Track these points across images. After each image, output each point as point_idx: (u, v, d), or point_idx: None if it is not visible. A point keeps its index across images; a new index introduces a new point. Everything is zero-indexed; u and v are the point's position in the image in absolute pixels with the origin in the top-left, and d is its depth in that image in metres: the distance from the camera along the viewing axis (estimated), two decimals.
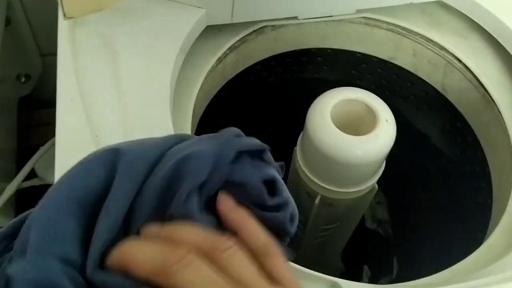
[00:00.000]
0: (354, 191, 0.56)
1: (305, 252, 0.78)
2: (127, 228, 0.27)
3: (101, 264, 0.26)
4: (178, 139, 0.30)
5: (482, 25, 0.56)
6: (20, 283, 0.24)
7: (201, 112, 0.62)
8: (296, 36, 0.67)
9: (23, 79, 0.88)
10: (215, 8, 0.52)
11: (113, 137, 0.40)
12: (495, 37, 0.55)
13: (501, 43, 0.55)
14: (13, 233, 0.28)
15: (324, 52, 0.71)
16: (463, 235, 0.65)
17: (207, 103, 0.63)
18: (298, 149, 0.58)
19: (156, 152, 0.28)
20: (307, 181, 0.58)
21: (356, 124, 0.54)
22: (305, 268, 0.38)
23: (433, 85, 0.67)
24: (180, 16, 0.51)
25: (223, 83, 0.65)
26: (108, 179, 0.27)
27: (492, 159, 0.58)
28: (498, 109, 0.56)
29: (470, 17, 0.57)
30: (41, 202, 0.27)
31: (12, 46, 0.78)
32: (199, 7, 0.52)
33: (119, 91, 0.42)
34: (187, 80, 0.55)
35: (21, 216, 0.29)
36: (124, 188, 0.27)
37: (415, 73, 0.68)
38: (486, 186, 0.59)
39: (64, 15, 0.43)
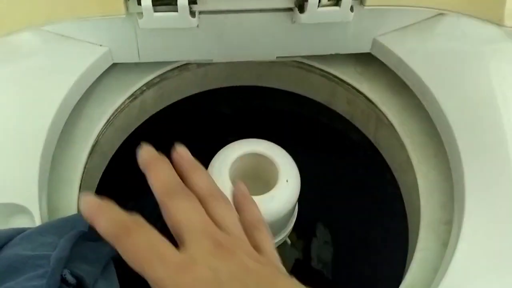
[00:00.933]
0: None
1: None
2: None
3: None
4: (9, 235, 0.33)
5: (406, 82, 0.52)
6: None
7: (115, 147, 0.59)
8: (227, 74, 0.63)
9: None
10: (119, 47, 0.49)
11: None
12: (418, 96, 0.51)
13: (423, 103, 0.50)
14: None
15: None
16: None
17: (124, 137, 0.60)
18: None
19: None
20: None
21: (261, 173, 0.51)
22: None
23: (366, 135, 0.63)
24: (79, 53, 0.48)
25: (144, 118, 0.62)
26: None
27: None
28: (415, 175, 0.51)
29: (397, 73, 0.53)
30: None
31: None
32: (100, 45, 0.49)
33: None
34: (90, 117, 0.52)
35: None
36: None
37: (351, 121, 0.64)
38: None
39: None
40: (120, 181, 0.61)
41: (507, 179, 0.44)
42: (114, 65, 0.53)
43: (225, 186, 0.47)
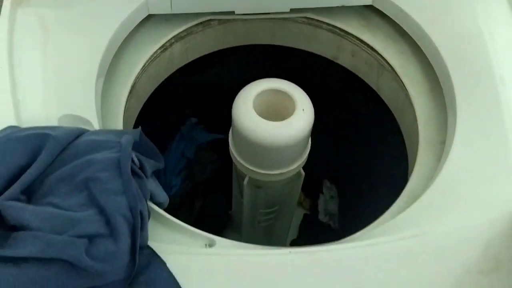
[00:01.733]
0: (276, 174, 0.58)
1: (253, 237, 0.81)
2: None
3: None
4: (78, 132, 0.40)
5: (405, 29, 0.59)
6: None
7: (149, 93, 0.66)
8: (245, 32, 0.70)
9: None
10: None
11: (33, 104, 0.44)
12: (414, 39, 0.58)
13: (419, 45, 0.57)
14: None
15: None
16: None
17: (156, 85, 0.67)
18: (230, 135, 0.61)
19: (67, 140, 0.39)
20: (237, 163, 0.61)
21: (280, 111, 0.57)
22: (185, 224, 0.41)
23: (370, 85, 0.70)
24: (119, 3, 0.54)
25: (172, 70, 0.68)
26: (32, 156, 0.37)
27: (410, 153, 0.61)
28: (413, 109, 0.58)
29: (396, 21, 0.60)
30: None
31: None
32: None
33: (44, 65, 0.46)
34: (129, 62, 0.59)
35: None
36: (43, 163, 0.36)
37: (356, 73, 0.71)
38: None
39: None
40: (150, 125, 0.68)
41: (493, 103, 0.51)
42: (148, 18, 0.60)
43: (251, 115, 0.53)
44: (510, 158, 0.46)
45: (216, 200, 0.90)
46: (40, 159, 0.35)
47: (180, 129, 0.89)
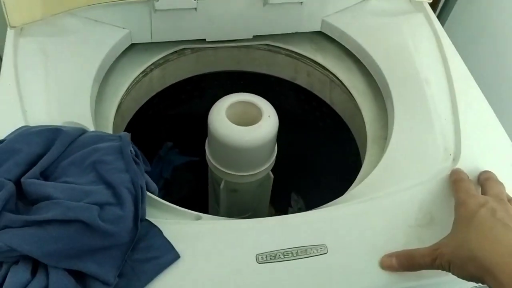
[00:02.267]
0: (249, 175, 0.66)
1: None
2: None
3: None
4: (82, 131, 0.48)
5: (349, 48, 0.70)
6: None
7: (131, 114, 0.73)
8: (214, 60, 0.80)
9: None
10: (136, 28, 0.65)
11: (39, 113, 0.51)
12: (358, 57, 0.69)
13: (361, 60, 0.68)
14: None
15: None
16: None
17: (138, 107, 0.75)
18: (206, 143, 0.69)
19: (75, 134, 0.46)
20: (213, 169, 0.69)
21: (249, 119, 0.66)
22: (172, 204, 0.48)
23: (324, 100, 0.80)
24: (106, 33, 0.64)
25: (152, 94, 0.77)
26: (47, 146, 0.44)
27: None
28: (361, 115, 0.68)
29: (341, 42, 0.71)
30: None
31: None
32: (123, 28, 0.65)
33: (46, 83, 0.54)
34: (115, 84, 0.67)
35: None
36: (57, 150, 0.43)
37: (311, 90, 0.81)
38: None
39: (9, 25, 0.55)
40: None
41: (421, 101, 0.61)
42: (131, 47, 0.69)
43: (225, 122, 0.62)
44: (436, 142, 0.56)
45: None
46: (54, 148, 0.42)
47: (158, 152, 0.96)
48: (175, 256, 0.42)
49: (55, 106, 0.53)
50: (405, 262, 0.44)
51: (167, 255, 0.42)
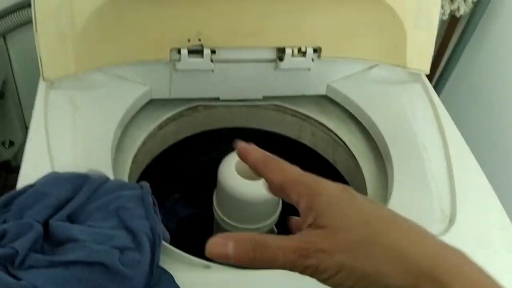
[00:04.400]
0: (254, 228, 0.69)
1: None
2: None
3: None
4: (106, 178, 0.51)
5: (352, 112, 0.75)
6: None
7: (145, 165, 0.77)
8: (225, 117, 0.85)
9: (7, 145, 1.02)
10: (157, 85, 0.71)
11: (65, 160, 0.55)
12: (360, 120, 0.74)
13: (363, 124, 0.73)
14: (5, 203, 0.43)
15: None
16: None
17: (151, 159, 0.78)
18: (214, 197, 0.73)
19: (101, 181, 0.49)
20: (220, 221, 0.71)
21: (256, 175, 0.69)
22: (181, 252, 0.51)
23: (327, 158, 0.84)
24: (129, 89, 0.69)
25: (164, 146, 0.81)
26: (75, 191, 0.46)
27: None
28: (362, 174, 0.72)
29: (344, 106, 0.76)
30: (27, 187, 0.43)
31: (1, 116, 0.94)
32: (144, 85, 0.70)
33: (74, 132, 0.58)
34: (133, 136, 0.71)
35: (12, 192, 0.44)
36: (84, 196, 0.46)
37: (315, 149, 0.85)
38: None
39: (43, 77, 0.60)
40: None
41: (419, 164, 0.65)
42: (149, 102, 0.74)
43: (234, 176, 0.65)
44: (433, 204, 0.59)
45: None
46: (82, 193, 0.45)
47: (165, 203, 0.99)
48: None
49: (80, 154, 0.57)
50: (250, 253, 0.28)
51: None
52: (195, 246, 1.01)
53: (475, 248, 0.54)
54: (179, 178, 0.96)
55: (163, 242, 0.51)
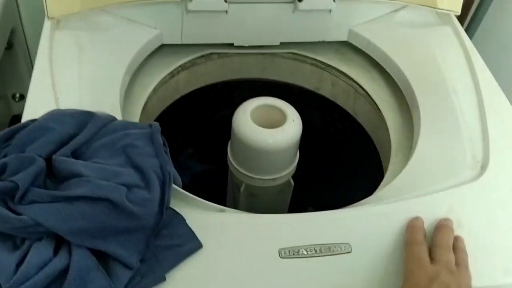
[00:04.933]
0: (270, 179, 0.66)
1: None
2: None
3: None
4: (113, 117, 0.48)
5: (375, 58, 0.70)
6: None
7: (157, 114, 0.74)
8: (240, 66, 0.81)
9: (17, 99, 0.99)
10: (167, 29, 0.66)
11: (70, 101, 0.52)
12: (384, 67, 0.69)
13: (387, 70, 0.68)
14: (6, 138, 0.40)
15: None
16: None
17: (163, 109, 0.75)
18: (229, 146, 0.69)
19: (107, 119, 0.46)
20: (234, 171, 0.68)
21: (273, 122, 0.66)
22: (196, 197, 0.48)
23: (348, 110, 0.80)
24: (139, 32, 0.65)
25: (177, 96, 0.77)
26: (80, 128, 0.44)
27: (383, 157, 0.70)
28: (386, 125, 0.68)
29: (367, 52, 0.71)
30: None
31: (10, 67, 0.90)
32: (155, 28, 0.66)
33: (80, 74, 0.55)
34: (143, 83, 0.68)
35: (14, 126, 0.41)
36: (89, 132, 0.43)
37: (335, 101, 0.81)
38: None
39: (47, 15, 0.57)
40: None
41: (449, 110, 0.61)
42: (159, 49, 0.70)
43: (249, 124, 0.62)
44: (463, 149, 0.55)
45: None
46: (87, 129, 0.42)
47: (178, 158, 0.96)
48: (198, 245, 0.42)
49: (86, 96, 0.53)
50: None
51: (189, 244, 0.41)
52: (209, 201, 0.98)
53: (508, 197, 0.50)
54: (193, 132, 0.93)
55: (175, 186, 0.48)
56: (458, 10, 0.68)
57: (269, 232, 0.44)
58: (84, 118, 0.44)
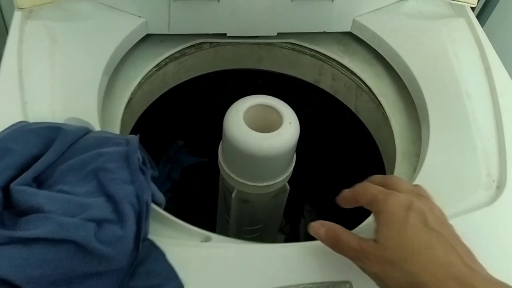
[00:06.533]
0: (264, 186, 0.60)
1: None
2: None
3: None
4: (86, 130, 0.41)
5: (380, 52, 0.63)
6: None
7: (142, 110, 0.67)
8: (234, 56, 0.73)
9: None
10: (154, 18, 0.59)
11: (40, 106, 0.45)
12: (389, 61, 0.62)
13: (393, 66, 0.61)
14: None
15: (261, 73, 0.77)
16: None
17: (149, 103, 0.68)
18: (219, 149, 0.63)
19: (78, 135, 0.40)
20: (225, 176, 0.62)
21: (268, 124, 0.59)
22: (182, 221, 0.42)
23: (349, 106, 0.73)
24: (121, 21, 0.57)
25: (165, 89, 0.70)
26: (45, 147, 0.38)
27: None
28: (390, 126, 0.61)
29: (371, 45, 0.64)
30: None
31: None
32: (139, 16, 0.58)
33: (52, 72, 0.47)
34: (126, 77, 0.60)
35: None
36: (55, 153, 0.37)
37: (335, 95, 0.74)
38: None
39: (16, 6, 0.49)
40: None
41: (461, 115, 0.54)
42: (145, 38, 0.62)
43: (242, 127, 0.55)
44: (477, 165, 0.49)
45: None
46: (52, 149, 0.36)
47: (167, 151, 0.89)
48: (178, 286, 0.36)
49: (58, 99, 0.46)
50: (331, 240, 0.38)
51: (169, 284, 0.35)
52: (200, 197, 0.93)
53: None
54: (183, 124, 0.86)
55: (156, 208, 0.42)
56: (474, 1, 0.60)
57: (261, 267, 0.39)
58: (50, 134, 0.37)
